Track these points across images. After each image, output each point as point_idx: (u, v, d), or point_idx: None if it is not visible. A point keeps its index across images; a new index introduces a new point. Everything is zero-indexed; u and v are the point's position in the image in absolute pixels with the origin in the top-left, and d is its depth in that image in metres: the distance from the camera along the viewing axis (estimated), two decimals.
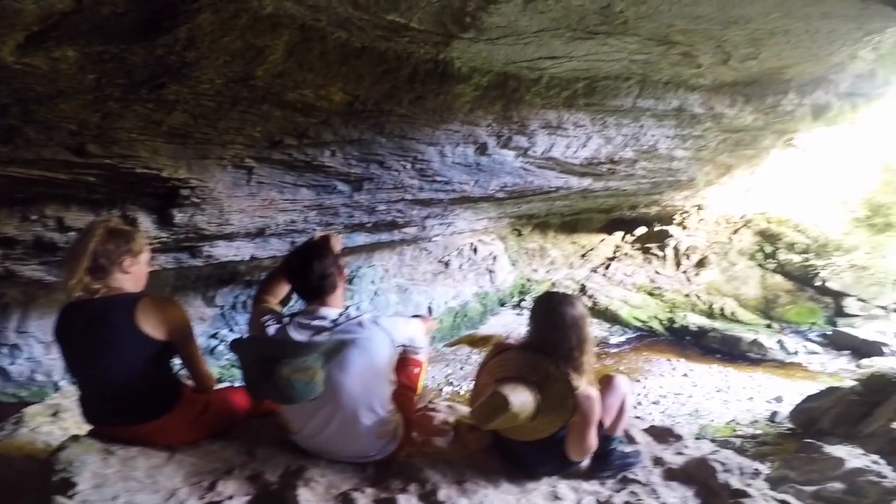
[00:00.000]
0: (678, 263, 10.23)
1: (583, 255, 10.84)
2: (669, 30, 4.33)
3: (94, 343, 1.91)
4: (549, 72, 4.82)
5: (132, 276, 1.99)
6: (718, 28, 4.44)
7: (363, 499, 1.98)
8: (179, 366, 2.11)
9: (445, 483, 2.10)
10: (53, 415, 3.15)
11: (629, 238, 11.00)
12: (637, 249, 10.71)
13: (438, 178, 5.87)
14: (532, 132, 5.77)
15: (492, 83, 4.57)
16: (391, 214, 6.35)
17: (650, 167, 7.97)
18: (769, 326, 8.86)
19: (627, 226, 11.04)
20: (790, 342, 8.15)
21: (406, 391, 2.27)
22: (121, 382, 1.93)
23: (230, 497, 1.91)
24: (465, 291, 9.16)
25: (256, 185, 4.60)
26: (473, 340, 8.40)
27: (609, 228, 11.16)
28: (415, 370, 2.32)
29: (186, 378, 2.17)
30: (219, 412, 2.21)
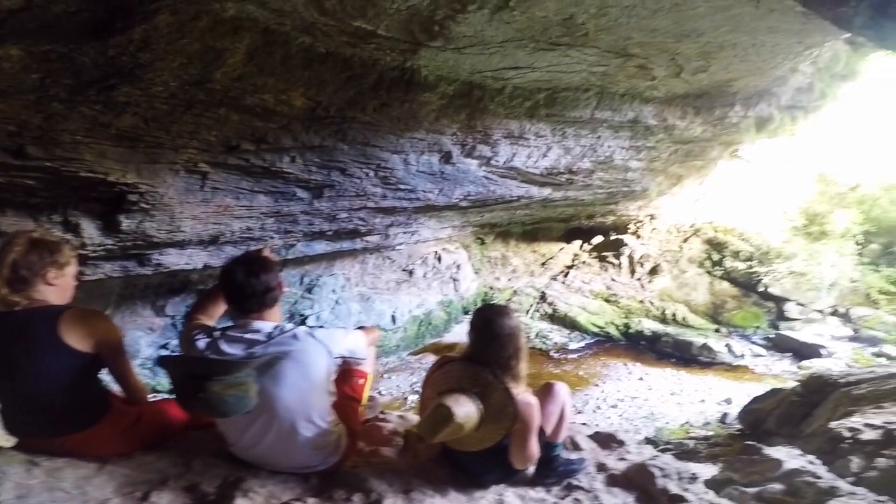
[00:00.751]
0: (633, 271, 10.58)
1: (543, 264, 11.05)
2: (627, 42, 4.48)
3: (15, 356, 1.86)
4: (513, 82, 4.89)
5: (57, 289, 1.94)
6: (672, 41, 4.63)
7: None
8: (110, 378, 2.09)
9: (392, 492, 2.10)
10: None
11: (586, 247, 11.30)
12: (594, 258, 11.01)
13: (402, 187, 5.83)
14: (495, 142, 5.83)
15: (457, 92, 4.59)
16: (353, 222, 6.25)
17: (606, 178, 8.22)
18: (717, 331, 9.28)
19: (585, 235, 11.34)
20: (737, 346, 8.55)
21: (350, 402, 2.28)
22: (43, 395, 1.89)
23: None
24: (430, 300, 9.15)
25: (211, 191, 4.44)
26: (438, 349, 8.38)
27: (567, 237, 11.43)
28: (359, 381, 2.33)
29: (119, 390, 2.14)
30: (152, 424, 2.19)
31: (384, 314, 8.41)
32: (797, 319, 9.31)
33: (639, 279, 10.43)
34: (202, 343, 1.92)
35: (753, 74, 6.51)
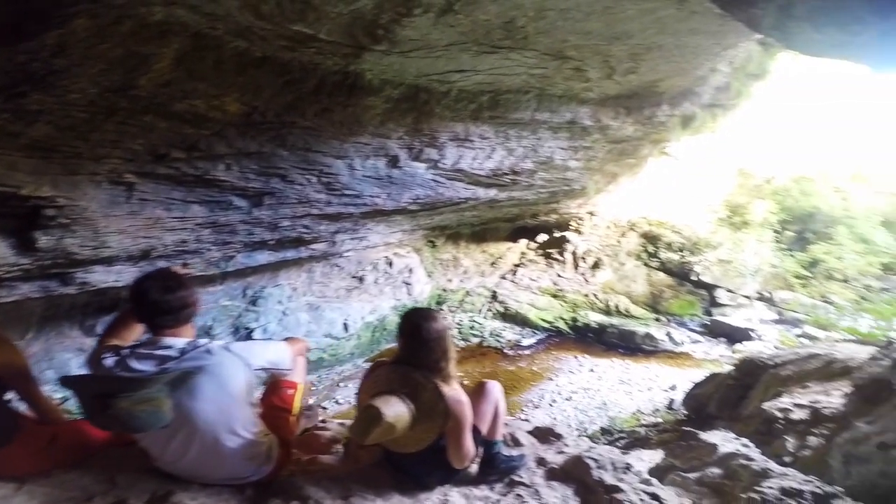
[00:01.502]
0: (576, 266, 10.92)
1: (492, 264, 11.18)
2: (564, 45, 4.61)
3: None
4: (458, 85, 4.90)
5: None
6: (605, 43, 4.81)
7: None
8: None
9: (329, 499, 2.08)
10: None
11: (532, 245, 11.55)
12: (540, 255, 11.27)
13: (348, 192, 5.70)
14: (442, 144, 5.83)
15: (403, 96, 4.54)
16: (296, 230, 6.04)
17: (548, 177, 8.44)
18: (658, 320, 9.73)
19: (530, 233, 11.61)
20: (677, 333, 8.99)
21: (279, 413, 2.30)
22: None
23: None
24: (383, 305, 9.02)
25: (139, 203, 4.17)
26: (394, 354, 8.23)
27: (514, 237, 11.65)
28: (288, 391, 2.34)
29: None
30: (69, 442, 2.16)
31: (335, 322, 8.20)
32: (728, 305, 9.92)
33: (582, 274, 10.78)
34: (110, 361, 1.90)
35: (678, 75, 6.90)
